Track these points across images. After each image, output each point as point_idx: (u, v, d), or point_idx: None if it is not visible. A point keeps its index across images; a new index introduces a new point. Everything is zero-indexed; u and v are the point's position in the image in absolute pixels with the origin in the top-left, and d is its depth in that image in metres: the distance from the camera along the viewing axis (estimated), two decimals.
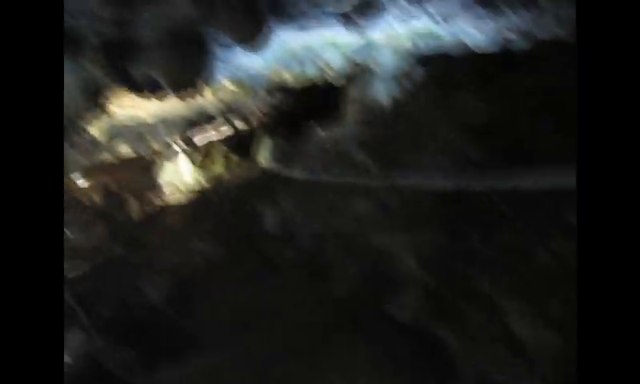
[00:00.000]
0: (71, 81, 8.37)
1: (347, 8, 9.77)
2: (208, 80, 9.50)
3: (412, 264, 7.73)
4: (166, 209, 18.69)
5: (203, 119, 21.97)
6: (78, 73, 8.20)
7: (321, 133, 16.87)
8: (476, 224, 7.25)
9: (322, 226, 10.93)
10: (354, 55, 14.79)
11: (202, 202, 17.69)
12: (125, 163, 29.17)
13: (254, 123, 25.76)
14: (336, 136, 15.50)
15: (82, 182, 29.58)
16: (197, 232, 15.30)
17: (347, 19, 10.30)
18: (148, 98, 9.87)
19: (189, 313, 10.65)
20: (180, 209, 18.16)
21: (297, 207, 12.43)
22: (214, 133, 25.91)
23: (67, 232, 24.85)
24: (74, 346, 9.11)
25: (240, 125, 27.13)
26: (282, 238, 11.95)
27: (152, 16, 7.53)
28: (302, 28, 10.40)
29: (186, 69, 8.69)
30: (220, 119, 24.29)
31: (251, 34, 8.17)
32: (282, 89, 19.93)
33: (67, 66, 7.87)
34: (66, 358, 8.66)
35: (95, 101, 8.92)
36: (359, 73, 17.69)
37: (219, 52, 9.89)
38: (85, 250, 18.30)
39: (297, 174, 14.09)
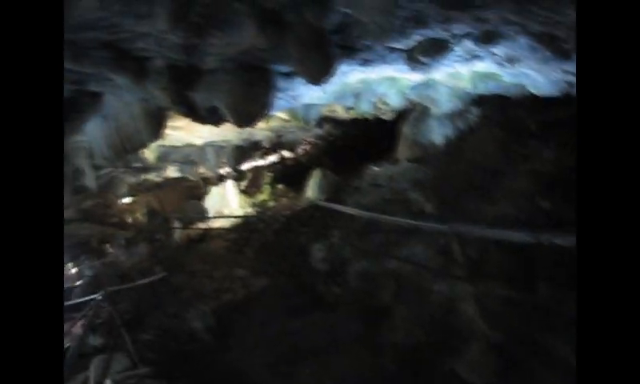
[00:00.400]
0: (133, 101, 8.33)
1: (412, 45, 9.54)
2: (267, 110, 9.33)
3: (475, 316, 7.31)
4: (210, 233, 18.58)
5: (252, 146, 22.09)
6: (141, 95, 8.14)
7: (374, 169, 16.61)
8: (546, 278, 6.84)
9: (373, 265, 10.60)
10: (410, 93, 14.59)
11: (246, 229, 17.54)
12: (171, 185, 29.63)
13: (303, 154, 25.83)
14: (390, 173, 15.20)
15: (127, 200, 30.17)
16: (240, 260, 15.14)
17: (411, 56, 10.06)
18: (203, 123, 9.79)
19: (229, 343, 10.42)
20: (223, 234, 18.05)
21: (347, 243, 12.15)
22: (262, 161, 26.07)
23: (110, 249, 25.21)
24: (118, 369, 8.94)
25: (289, 155, 27.25)
26: (331, 274, 11.66)
27: (220, 43, 7.43)
28: (365, 63, 10.23)
29: (247, 97, 8.56)
30: (269, 148, 24.46)
31: (319, 69, 7.98)
32: (333, 121, 19.89)
33: (130, 86, 7.82)
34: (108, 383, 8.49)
35: (155, 123, 8.83)
36: (414, 110, 17.49)
37: (280, 82, 9.78)
38: (127, 269, 18.31)
39: (348, 209, 13.82)
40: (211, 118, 9.53)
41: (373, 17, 7.38)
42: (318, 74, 8.11)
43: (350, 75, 11.40)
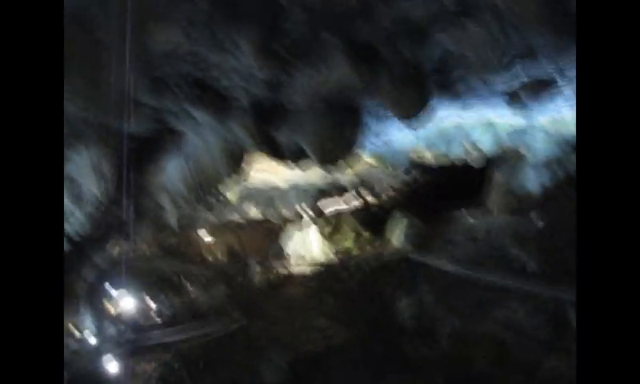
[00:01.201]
0: (214, 140, 7.89)
1: (517, 85, 8.62)
2: (355, 152, 8.69)
3: None
4: (290, 279, 17.98)
5: (336, 190, 21.54)
6: (222, 133, 7.70)
7: (469, 219, 15.50)
8: None
9: (467, 326, 9.55)
10: (506, 138, 13.58)
11: (328, 276, 16.81)
12: (252, 226, 29.49)
13: (388, 200, 24.99)
14: (485, 225, 14.06)
15: (209, 239, 30.29)
16: (320, 308, 14.38)
17: (514, 98, 9.14)
18: (287, 164, 9.25)
19: None
20: (304, 280, 17.38)
21: (437, 300, 11.13)
22: (345, 205, 25.43)
23: (190, 287, 25.18)
24: None
25: (373, 200, 26.47)
26: (418, 332, 10.67)
27: (307, 79, 6.91)
28: (463, 106, 9.42)
29: (335, 139, 7.95)
30: (353, 192, 23.83)
31: (414, 108, 7.28)
32: (421, 167, 19.03)
33: (212, 124, 7.38)
34: None
35: (235, 163, 8.37)
36: (507, 156, 16.33)
37: (370, 122, 9.15)
38: (205, 310, 17.98)
39: (439, 262, 12.78)
40: (295, 158, 9.00)
41: (476, 50, 6.61)
42: (413, 113, 7.42)
43: (445, 119, 10.63)
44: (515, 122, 11.87)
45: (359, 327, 12.48)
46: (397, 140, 11.31)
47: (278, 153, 8.61)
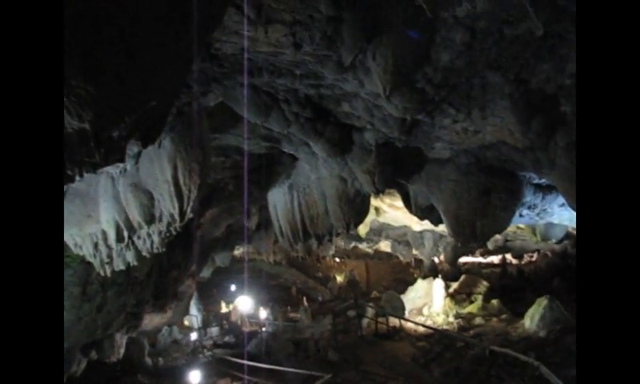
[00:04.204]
0: (328, 178, 6.57)
1: None
2: (502, 229, 6.95)
3: None
4: (399, 331, 16.21)
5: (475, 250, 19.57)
6: (337, 171, 6.35)
7: None
8: None
9: None
10: None
11: (442, 342, 14.87)
12: (381, 259, 28.31)
13: (531, 266, 22.52)
14: None
15: (336, 260, 29.72)
16: (424, 378, 12.57)
17: None
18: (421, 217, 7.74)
19: None
20: (414, 339, 15.58)
21: None
22: (482, 259, 23.17)
23: (305, 303, 24.52)
24: None
25: (513, 261, 23.99)
26: None
27: (454, 125, 5.40)
28: None
29: (479, 211, 6.26)
30: (492, 249, 21.67)
31: None
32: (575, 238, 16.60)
33: (327, 160, 6.05)
34: None
35: (349, 211, 6.96)
36: None
37: (529, 195, 7.33)
38: (305, 338, 16.96)
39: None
40: (427, 217, 7.45)
41: None
42: None
43: None
44: None
45: None
46: (557, 216, 9.26)
47: (406, 204, 7.08)
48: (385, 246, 24.41)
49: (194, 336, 18.68)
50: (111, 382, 12.49)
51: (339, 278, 29.39)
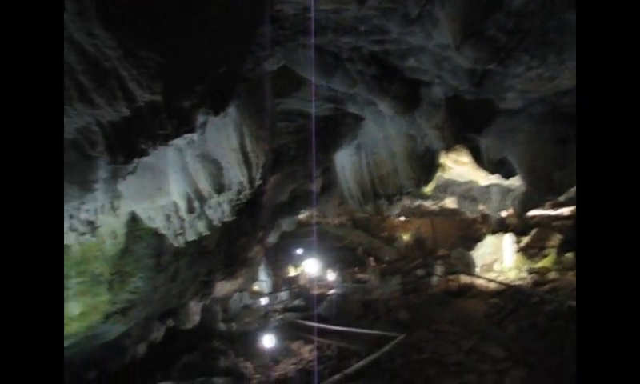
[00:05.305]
0: (396, 136, 6.37)
1: None
2: None
3: None
4: (470, 288, 15.94)
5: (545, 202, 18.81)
6: (406, 129, 6.15)
7: None
8: None
9: None
10: None
11: (514, 298, 14.52)
12: (447, 216, 27.79)
13: None
14: None
15: (400, 219, 29.36)
16: (498, 335, 12.33)
17: None
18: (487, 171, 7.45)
19: None
20: (486, 295, 15.27)
21: None
22: (552, 211, 22.36)
23: (372, 262, 24.57)
24: None
25: None
26: None
27: (528, 74, 5.10)
28: None
29: (554, 160, 5.93)
30: (564, 200, 20.87)
31: None
32: None
33: (395, 118, 5.86)
34: None
35: (419, 168, 6.76)
36: None
37: None
38: (374, 300, 16.94)
39: None
40: (497, 169, 7.16)
41: None
42: None
43: None
44: None
45: (541, 372, 10.29)
46: None
47: (477, 162, 6.83)
48: (450, 202, 23.89)
49: (264, 301, 19.00)
50: (188, 348, 12.87)
51: (405, 237, 29.08)
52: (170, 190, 5.89)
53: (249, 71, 4.75)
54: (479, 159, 6.99)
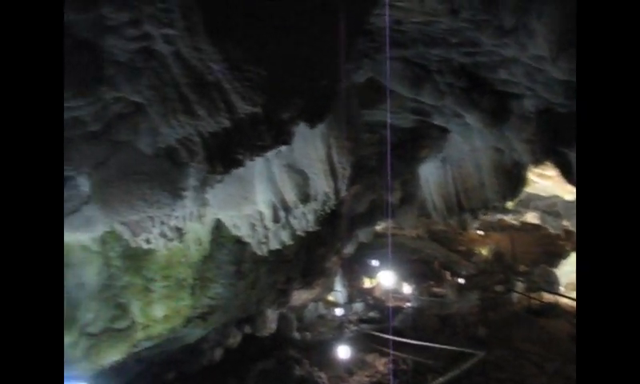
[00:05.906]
0: (483, 149, 6.25)
1: None
2: None
3: None
4: (553, 308, 15.31)
5: None
6: (493, 142, 6.02)
7: None
8: None
9: None
10: None
11: None
12: (528, 232, 26.90)
13: None
14: None
15: (479, 233, 28.62)
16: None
17: None
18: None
19: None
20: (570, 316, 14.63)
21: None
22: None
23: (448, 277, 24.10)
24: None
25: None
26: None
27: None
28: None
29: None
30: None
31: None
32: None
33: (482, 131, 5.76)
34: None
35: (507, 182, 6.60)
36: None
37: None
38: (451, 314, 16.61)
39: None
40: None
41: None
42: None
43: None
44: None
45: None
46: None
47: (570, 177, 6.60)
48: (531, 217, 23.15)
49: (338, 311, 19.00)
50: (263, 355, 13.04)
51: (484, 252, 28.32)
52: (256, 199, 6.02)
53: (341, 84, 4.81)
54: (569, 174, 6.74)
